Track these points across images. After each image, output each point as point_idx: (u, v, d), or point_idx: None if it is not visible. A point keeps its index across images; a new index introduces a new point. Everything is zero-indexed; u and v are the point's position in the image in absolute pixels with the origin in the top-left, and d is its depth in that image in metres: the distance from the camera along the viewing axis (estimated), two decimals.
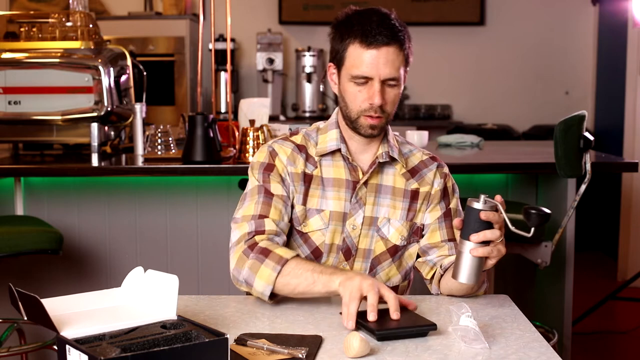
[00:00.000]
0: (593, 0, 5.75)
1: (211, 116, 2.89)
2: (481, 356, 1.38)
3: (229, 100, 3.83)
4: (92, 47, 3.18)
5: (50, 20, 3.24)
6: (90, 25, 3.25)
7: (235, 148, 3.00)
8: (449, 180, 1.89)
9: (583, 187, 2.74)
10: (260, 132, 2.91)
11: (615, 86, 5.24)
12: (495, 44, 5.85)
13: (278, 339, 1.41)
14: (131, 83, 3.39)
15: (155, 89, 4.27)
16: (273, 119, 4.77)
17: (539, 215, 1.55)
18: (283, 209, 1.77)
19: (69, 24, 3.22)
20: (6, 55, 3.15)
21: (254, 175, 1.81)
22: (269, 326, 1.53)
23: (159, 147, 3.09)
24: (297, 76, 5.65)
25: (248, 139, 2.91)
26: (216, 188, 3.16)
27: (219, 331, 1.25)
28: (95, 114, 3.11)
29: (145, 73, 3.49)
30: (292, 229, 1.81)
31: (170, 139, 3.11)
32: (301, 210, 1.80)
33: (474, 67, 5.88)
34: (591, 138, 2.70)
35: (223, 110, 5.32)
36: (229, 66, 3.47)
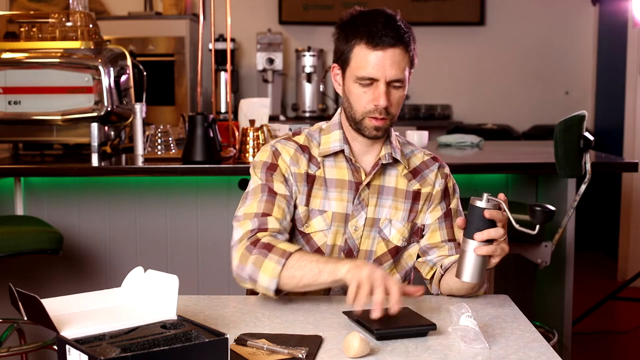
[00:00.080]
0: (593, 0, 5.75)
1: (211, 116, 2.89)
2: (481, 356, 1.38)
3: (229, 100, 3.83)
4: (92, 47, 3.18)
5: (50, 20, 3.24)
6: (90, 25, 3.25)
7: (235, 148, 3.00)
8: (450, 180, 1.88)
9: (583, 187, 2.74)
10: (260, 132, 2.91)
11: (615, 86, 5.24)
12: (495, 44, 5.84)
13: (278, 339, 1.41)
14: (131, 83, 3.39)
15: (155, 89, 4.27)
16: (273, 119, 4.76)
17: (544, 213, 1.54)
18: (286, 208, 1.76)
19: (69, 24, 3.22)
20: (6, 55, 3.15)
21: (256, 174, 1.80)
22: (269, 326, 1.53)
23: (159, 147, 3.09)
24: (297, 76, 5.65)
25: (248, 139, 2.91)
26: (216, 188, 3.16)
27: (219, 331, 1.25)
28: (95, 114, 3.11)
29: (145, 73, 3.49)
30: (294, 230, 1.80)
31: (170, 139, 3.11)
32: (304, 211, 1.79)
33: (474, 67, 5.88)
34: (591, 138, 2.70)
35: (223, 110, 5.32)
36: (229, 66, 3.47)
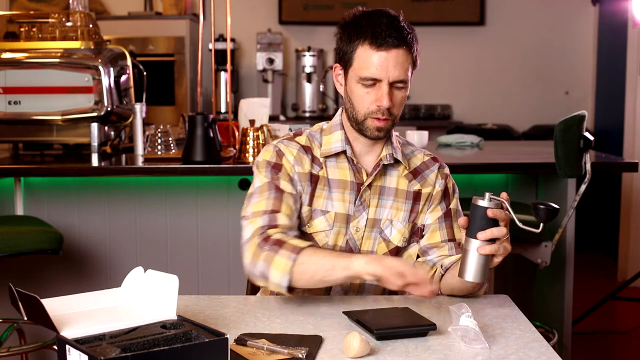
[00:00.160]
0: (593, 0, 5.75)
1: (211, 116, 2.89)
2: (481, 356, 1.38)
3: (229, 100, 3.83)
4: (92, 47, 3.18)
5: (50, 20, 3.24)
6: (90, 25, 3.25)
7: (235, 148, 3.00)
8: (450, 180, 1.88)
9: (583, 187, 2.74)
10: (260, 132, 2.91)
11: (615, 86, 5.24)
12: (495, 44, 5.84)
13: (278, 339, 1.41)
14: (131, 83, 3.39)
15: (155, 89, 4.27)
16: (273, 119, 4.76)
17: (548, 211, 1.52)
18: (293, 206, 1.75)
19: (69, 24, 3.22)
20: (6, 55, 3.15)
21: (261, 173, 1.78)
22: (269, 326, 1.53)
23: (159, 147, 3.09)
24: (297, 76, 5.64)
25: (248, 139, 2.91)
26: (216, 188, 3.16)
27: (219, 331, 1.25)
28: (95, 114, 3.11)
29: (145, 73, 3.49)
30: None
31: (170, 139, 3.11)
32: (307, 211, 1.78)
33: (474, 67, 5.88)
34: (591, 138, 2.70)
35: (223, 110, 5.32)
36: (229, 66, 3.47)
